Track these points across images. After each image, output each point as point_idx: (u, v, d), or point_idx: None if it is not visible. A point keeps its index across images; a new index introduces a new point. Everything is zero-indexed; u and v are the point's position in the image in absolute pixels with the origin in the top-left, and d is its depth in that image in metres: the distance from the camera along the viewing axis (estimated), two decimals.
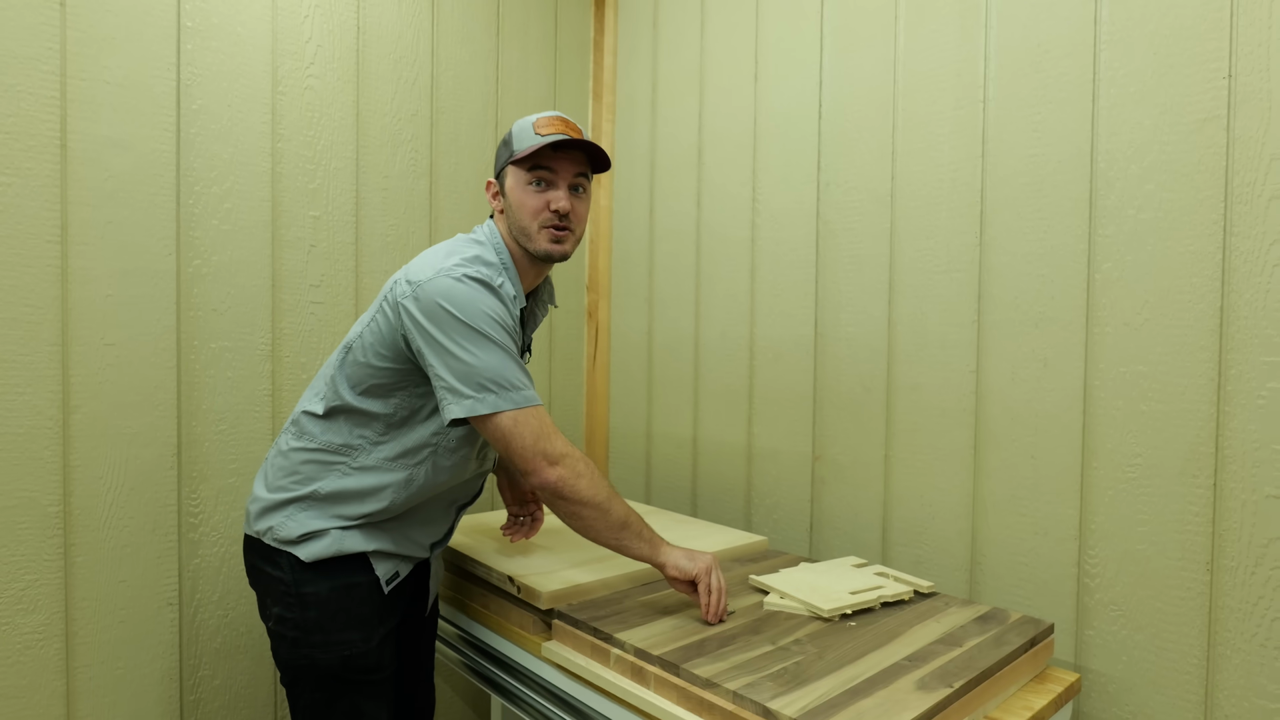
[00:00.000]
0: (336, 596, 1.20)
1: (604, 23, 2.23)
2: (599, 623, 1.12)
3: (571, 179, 1.22)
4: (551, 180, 1.20)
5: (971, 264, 1.40)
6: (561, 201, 1.19)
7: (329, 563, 1.21)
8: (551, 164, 1.20)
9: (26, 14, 1.32)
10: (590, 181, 1.27)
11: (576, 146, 1.20)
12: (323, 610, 1.20)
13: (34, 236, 1.34)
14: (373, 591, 1.23)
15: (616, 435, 2.20)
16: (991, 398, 1.37)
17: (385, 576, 1.24)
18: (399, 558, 1.27)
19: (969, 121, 1.40)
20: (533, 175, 1.20)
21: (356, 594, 1.21)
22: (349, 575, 1.22)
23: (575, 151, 1.21)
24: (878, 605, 1.21)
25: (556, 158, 1.20)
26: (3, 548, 1.32)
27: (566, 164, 1.21)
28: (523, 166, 1.21)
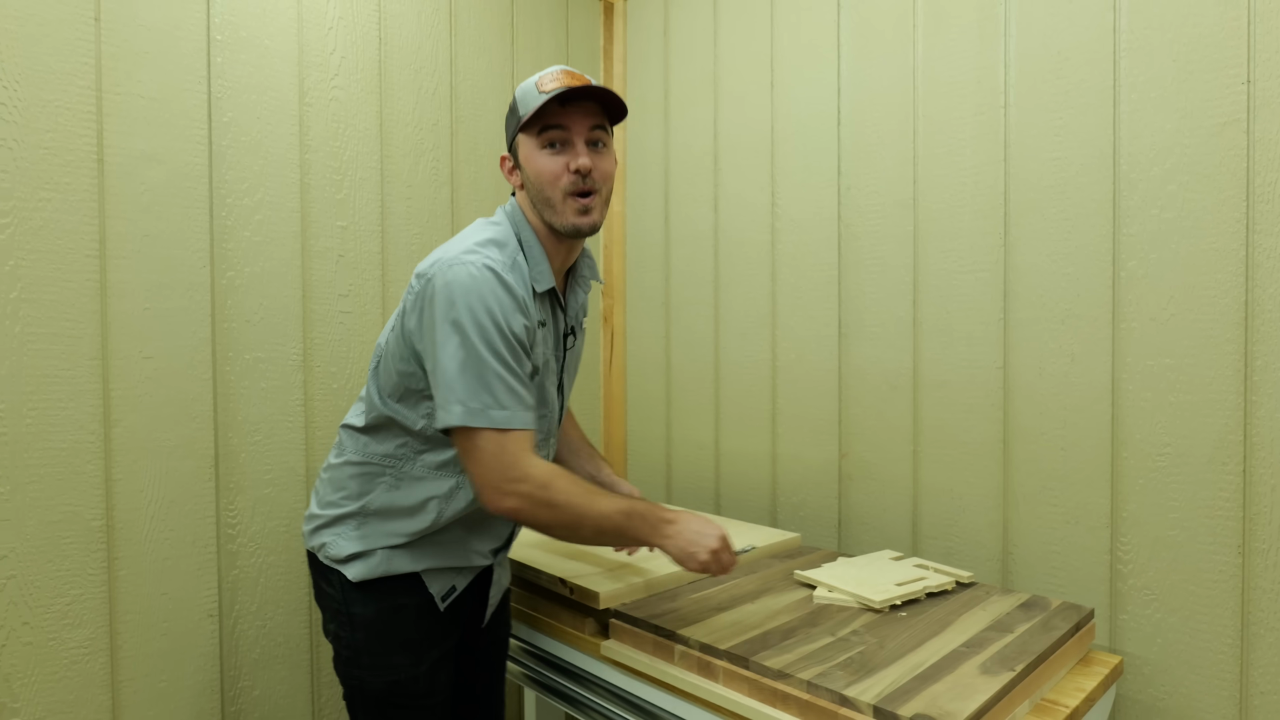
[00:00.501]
0: (383, 619, 1.17)
1: (613, 31, 2.26)
2: (658, 620, 1.15)
3: (588, 134, 1.10)
4: (566, 139, 1.10)
5: (996, 264, 1.45)
6: (581, 159, 1.08)
7: (376, 583, 1.18)
8: (562, 120, 1.09)
9: (63, 29, 1.33)
10: (610, 135, 1.16)
11: (587, 96, 1.09)
12: (369, 632, 1.17)
13: (73, 251, 1.34)
14: (422, 614, 1.19)
15: (635, 439, 2.23)
16: (1019, 393, 1.42)
17: (441, 593, 1.20)
18: (455, 570, 1.22)
19: (991, 126, 1.45)
20: (544, 138, 1.10)
21: (404, 616, 1.18)
22: (396, 597, 1.18)
23: (586, 103, 1.10)
24: (923, 595, 1.25)
25: (566, 113, 1.09)
26: (49, 563, 1.32)
27: (579, 118, 1.09)
28: (533, 131, 1.11)
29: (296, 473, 1.62)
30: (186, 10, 1.46)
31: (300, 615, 1.63)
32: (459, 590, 1.22)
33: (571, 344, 1.24)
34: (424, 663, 1.18)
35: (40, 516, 1.31)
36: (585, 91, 1.08)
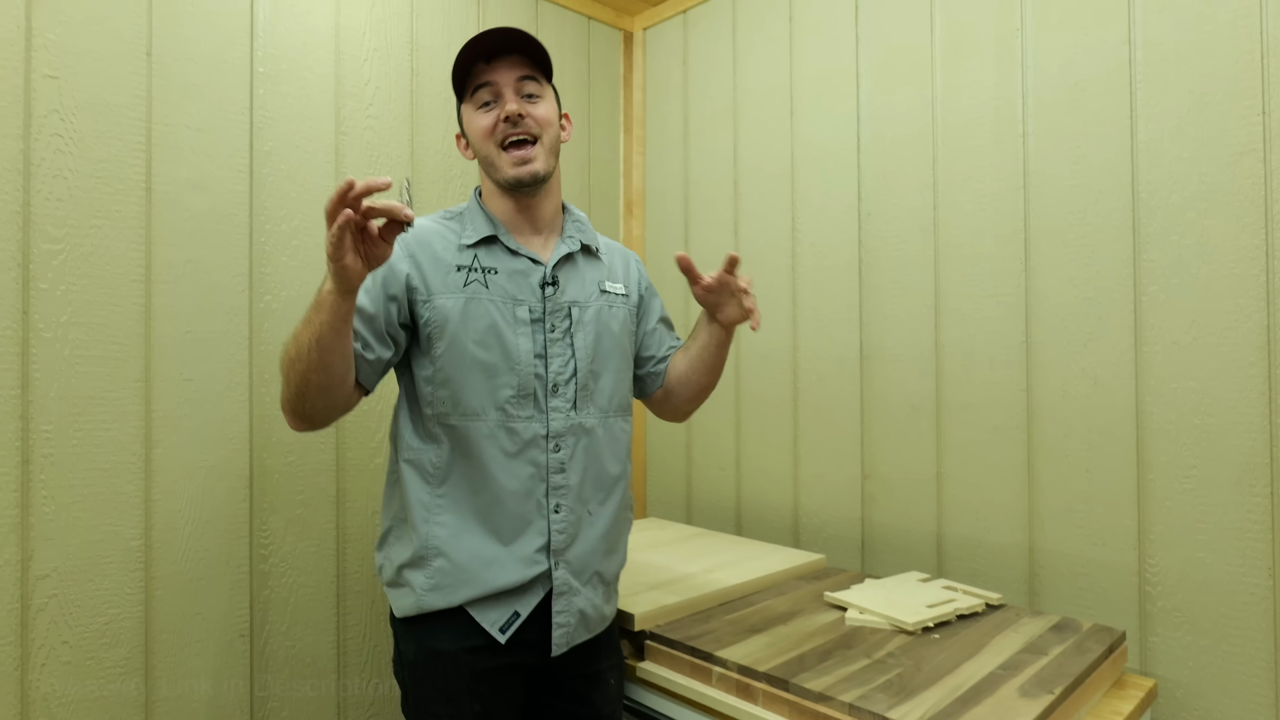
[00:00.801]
0: (426, 662, 1.10)
1: (632, 60, 2.32)
2: (695, 641, 1.16)
3: (516, 84, 1.11)
4: (496, 92, 1.11)
5: (1018, 288, 1.47)
6: (509, 105, 1.08)
7: (419, 624, 1.11)
8: (488, 77, 1.10)
9: (117, 65, 1.37)
10: (543, 86, 1.15)
11: (508, 47, 1.10)
12: (412, 674, 1.12)
13: (121, 276, 1.38)
14: (463, 659, 1.08)
15: (654, 459, 2.25)
16: (1043, 414, 1.44)
17: (500, 623, 1.08)
18: (511, 594, 1.08)
19: (1009, 155, 1.49)
20: (476, 99, 1.12)
21: (441, 664, 1.08)
22: (433, 640, 1.09)
23: (511, 57, 1.11)
24: (954, 617, 1.26)
25: (492, 69, 1.10)
26: (89, 582, 1.34)
27: (504, 70, 1.10)
28: (468, 97, 1.13)
29: (328, 494, 1.65)
30: (232, 45, 1.52)
31: (328, 636, 1.64)
32: (524, 616, 1.08)
33: (553, 293, 1.13)
34: (465, 715, 1.07)
35: (82, 536, 1.34)
36: (503, 41, 1.09)
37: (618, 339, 1.21)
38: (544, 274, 1.14)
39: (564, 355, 1.13)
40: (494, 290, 1.10)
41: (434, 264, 1.10)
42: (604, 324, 1.18)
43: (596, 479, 1.16)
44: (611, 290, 1.21)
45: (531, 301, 1.12)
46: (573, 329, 1.14)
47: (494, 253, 1.13)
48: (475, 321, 1.09)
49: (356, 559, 1.68)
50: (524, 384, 1.10)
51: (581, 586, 1.12)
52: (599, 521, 1.16)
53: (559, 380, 1.12)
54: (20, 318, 1.28)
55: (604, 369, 1.18)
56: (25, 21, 1.29)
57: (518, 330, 1.10)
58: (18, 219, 1.28)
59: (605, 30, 2.26)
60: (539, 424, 1.11)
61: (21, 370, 1.28)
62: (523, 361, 1.10)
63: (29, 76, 1.29)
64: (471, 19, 1.92)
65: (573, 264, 1.19)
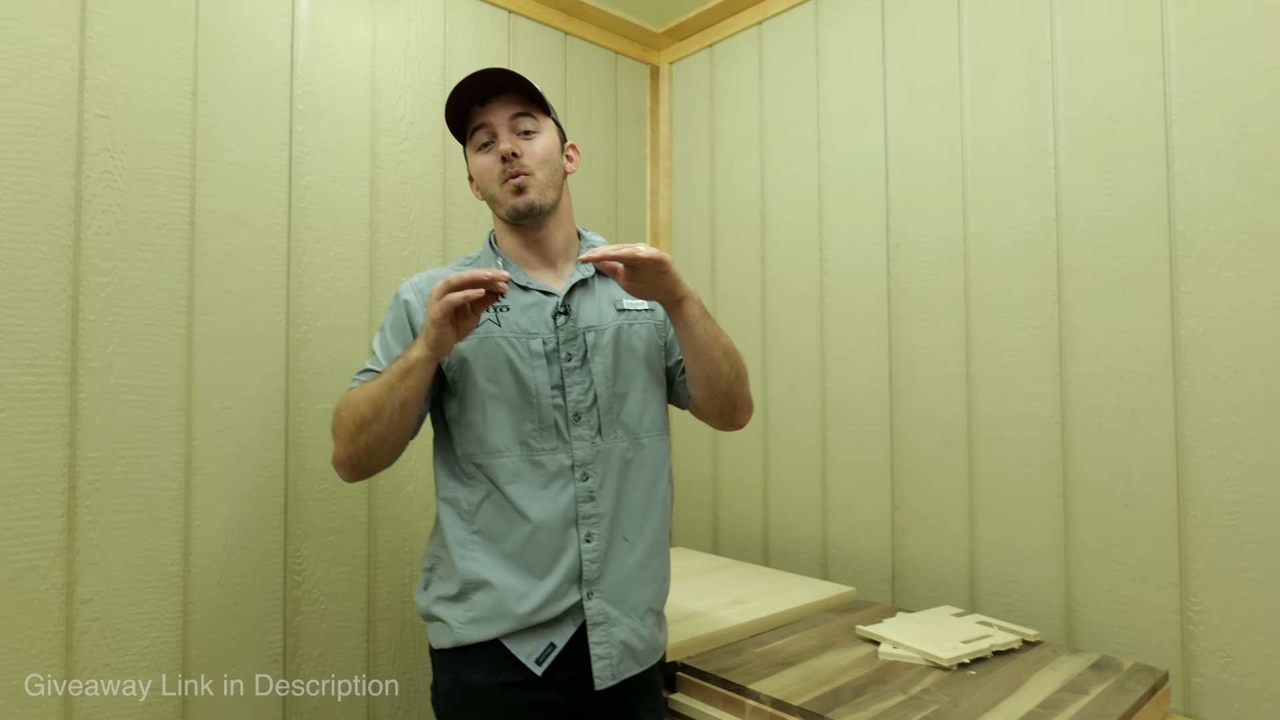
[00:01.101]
0: (456, 694, 1.10)
1: (659, 93, 2.35)
2: (727, 674, 1.16)
3: (509, 123, 1.13)
4: (492, 132, 1.13)
5: (1050, 320, 1.46)
6: (503, 144, 1.10)
7: (452, 655, 1.12)
8: (482, 119, 1.13)
9: (164, 104, 1.42)
10: (540, 120, 1.15)
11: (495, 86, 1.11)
12: (446, 705, 1.13)
13: (164, 307, 1.42)
14: (495, 694, 1.07)
15: (680, 488, 2.24)
16: (1079, 448, 1.42)
17: (536, 654, 1.07)
18: (546, 625, 1.08)
19: (1041, 186, 1.48)
20: (475, 141, 1.15)
21: (472, 699, 1.08)
22: (466, 672, 1.09)
23: (505, 96, 1.13)
24: (990, 654, 1.24)
25: (486, 110, 1.13)
26: (130, 606, 1.37)
27: (497, 110, 1.13)
28: (469, 141, 1.17)
29: (359, 520, 1.67)
30: (274, 82, 1.56)
31: (359, 663, 1.65)
32: (559, 647, 1.07)
33: (565, 322, 1.13)
34: None
35: (124, 561, 1.36)
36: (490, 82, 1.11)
37: (642, 357, 1.18)
38: (556, 304, 1.14)
39: (583, 383, 1.12)
40: (506, 327, 1.12)
41: None
42: (624, 343, 1.16)
43: (631, 504, 1.14)
44: (631, 307, 1.19)
45: (545, 333, 1.12)
46: (589, 355, 1.13)
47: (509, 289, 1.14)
48: (489, 360, 1.10)
49: (387, 586, 1.69)
50: (544, 416, 1.10)
51: (622, 616, 1.09)
52: (637, 548, 1.13)
53: (580, 409, 1.12)
54: (69, 348, 1.32)
55: (629, 389, 1.16)
56: (79, 64, 1.34)
57: (533, 364, 1.11)
58: (69, 252, 1.32)
59: (632, 64, 2.30)
60: (564, 455, 1.10)
61: (70, 398, 1.32)
62: (540, 394, 1.10)
63: (81, 116, 1.34)
64: (502, 55, 1.97)
65: (586, 289, 1.18)
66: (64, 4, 1.32)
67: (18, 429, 1.27)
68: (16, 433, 1.27)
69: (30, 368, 1.28)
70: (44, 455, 1.29)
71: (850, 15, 1.83)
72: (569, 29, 2.11)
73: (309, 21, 1.62)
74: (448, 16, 1.86)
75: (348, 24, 1.69)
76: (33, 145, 1.29)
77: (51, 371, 1.30)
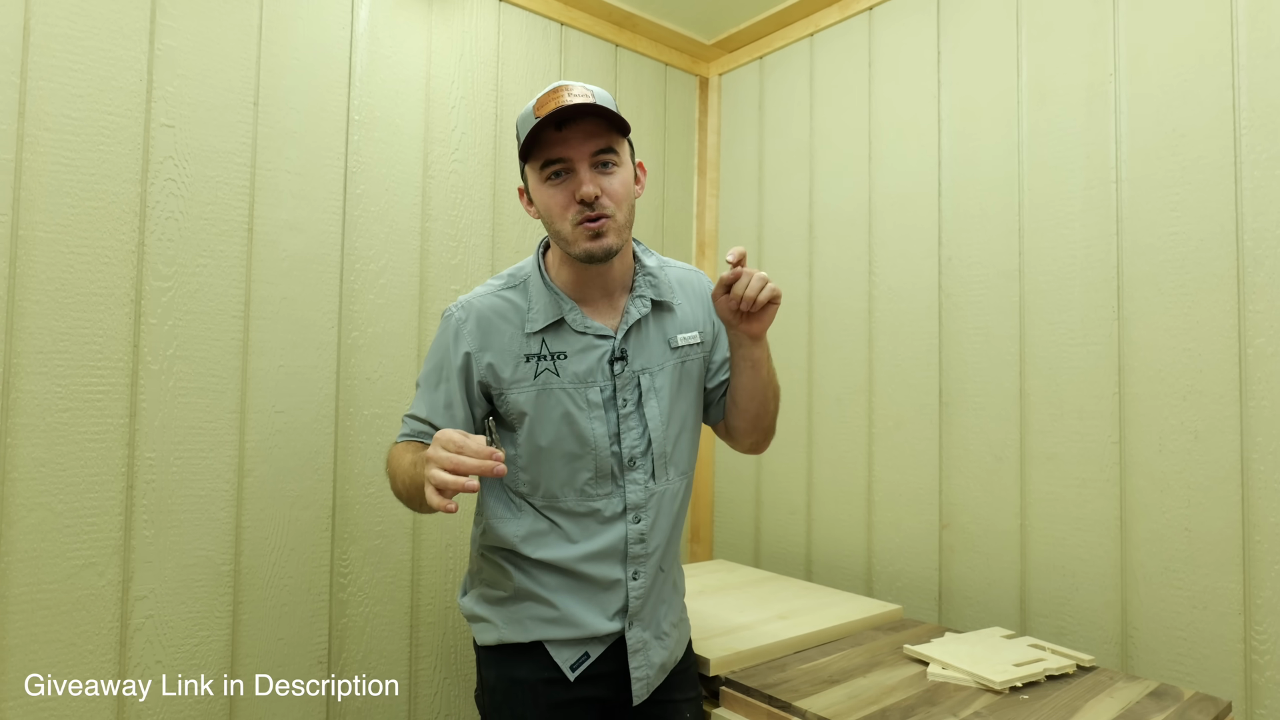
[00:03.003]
0: (502, 689, 1.13)
1: (708, 105, 2.35)
2: (772, 690, 1.14)
3: (590, 158, 1.02)
4: (568, 165, 1.02)
5: (1109, 338, 1.43)
6: (585, 187, 1.00)
7: (498, 648, 1.15)
8: (561, 152, 1.01)
9: (227, 114, 1.46)
10: (619, 152, 1.05)
11: (584, 114, 0.99)
12: (492, 699, 1.15)
13: (222, 312, 1.45)
14: (540, 690, 1.10)
15: (722, 501, 2.23)
16: (1137, 469, 1.38)
17: (570, 661, 1.11)
18: (583, 641, 1.11)
19: (1101, 201, 1.45)
20: (545, 170, 1.03)
21: (519, 692, 1.11)
22: (512, 668, 1.12)
23: (586, 122, 1.01)
24: (1043, 678, 1.21)
25: (565, 139, 1.00)
26: (182, 604, 1.39)
27: (579, 140, 1.01)
28: (535, 162, 1.04)
29: (404, 526, 1.68)
30: (332, 93, 1.60)
31: (401, 667, 1.66)
32: (593, 658, 1.11)
33: (622, 369, 1.10)
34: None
35: (178, 560, 1.39)
36: (584, 109, 0.99)
37: (694, 395, 1.19)
38: (612, 349, 1.10)
39: (637, 429, 1.12)
40: (564, 376, 1.09)
41: (502, 355, 1.09)
42: (677, 384, 1.15)
43: (670, 537, 1.17)
44: (685, 343, 1.16)
45: (601, 381, 1.10)
46: (643, 400, 1.12)
47: (562, 335, 1.10)
48: (550, 413, 1.09)
49: (430, 591, 1.71)
50: (601, 466, 1.11)
51: (654, 640, 1.15)
52: (670, 574, 1.20)
53: (635, 454, 1.12)
54: (131, 350, 1.36)
55: (683, 430, 1.17)
56: (147, 75, 1.38)
57: (591, 415, 1.09)
58: (133, 258, 1.36)
59: (681, 76, 2.31)
60: (617, 500, 1.11)
61: (130, 400, 1.35)
62: (599, 445, 1.10)
63: (148, 125, 1.38)
64: (554, 65, 1.99)
65: (642, 328, 1.14)
66: (134, 17, 1.37)
67: (80, 428, 1.30)
68: (79, 432, 1.30)
69: (94, 369, 1.32)
70: (104, 455, 1.33)
71: (904, 27, 1.81)
72: (620, 41, 2.12)
73: (367, 34, 1.66)
74: (501, 29, 1.89)
75: (404, 36, 1.72)
76: (101, 154, 1.33)
77: (114, 373, 1.34)
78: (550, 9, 1.97)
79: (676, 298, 1.18)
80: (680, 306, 1.18)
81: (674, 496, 1.16)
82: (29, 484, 1.26)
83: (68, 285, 1.30)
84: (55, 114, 1.29)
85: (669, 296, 1.17)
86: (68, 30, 1.30)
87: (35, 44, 1.28)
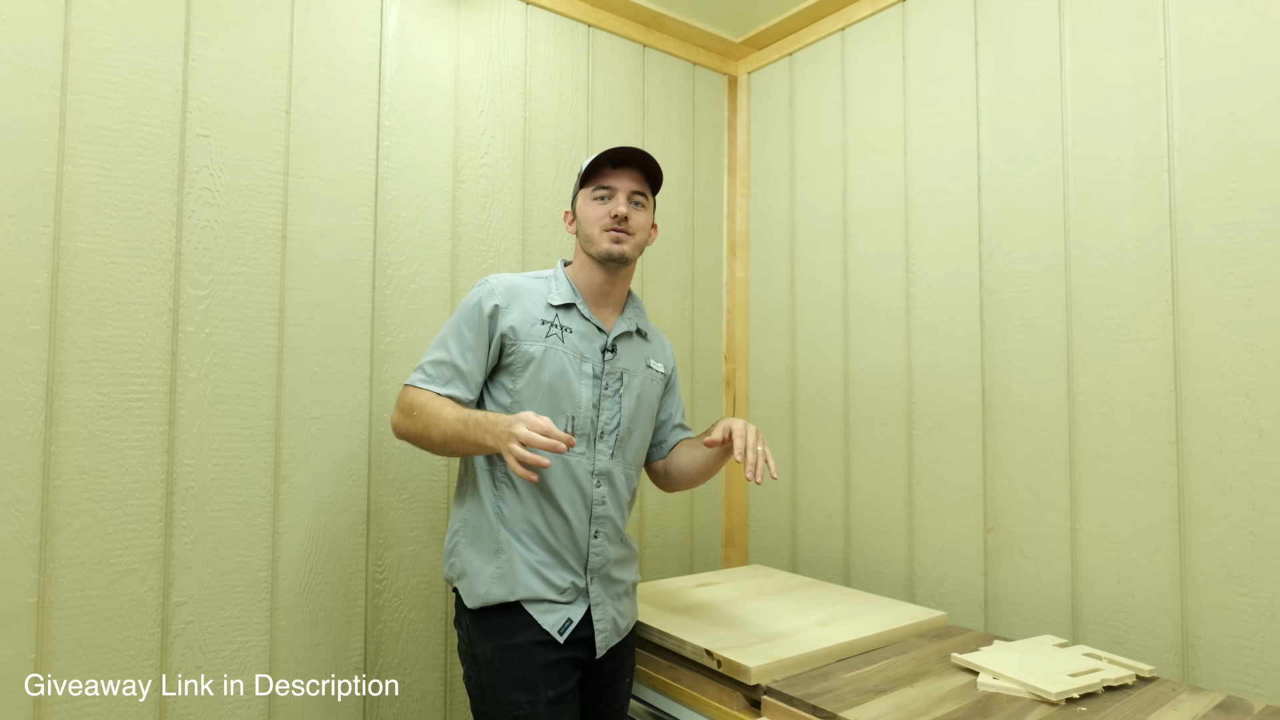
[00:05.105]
0: (500, 658, 1.26)
1: (737, 103, 2.32)
2: (816, 700, 1.11)
3: (629, 194, 1.35)
4: (612, 193, 1.34)
5: (1164, 332, 1.37)
6: (620, 207, 1.32)
7: (494, 621, 1.27)
8: (611, 182, 1.35)
9: (260, 123, 1.47)
10: (650, 200, 1.40)
11: (631, 161, 1.36)
12: (490, 670, 1.27)
13: (257, 319, 1.46)
14: (534, 651, 1.26)
15: (757, 505, 2.19)
16: (1196, 470, 1.32)
17: (557, 626, 1.27)
18: (562, 602, 1.28)
19: (1153, 191, 1.39)
20: (596, 192, 1.36)
21: (517, 655, 1.25)
22: (510, 636, 1.26)
23: (633, 171, 1.36)
24: (1100, 689, 1.15)
25: (616, 175, 1.35)
26: (220, 610, 1.40)
27: (625, 180, 1.35)
28: (589, 187, 1.37)
29: (438, 531, 1.68)
30: (362, 100, 1.60)
31: (436, 672, 1.66)
32: (575, 622, 1.28)
33: (610, 359, 1.36)
34: (540, 702, 1.24)
35: (216, 566, 1.40)
36: (629, 156, 1.34)
37: (651, 409, 1.44)
38: (606, 341, 1.37)
39: (612, 409, 1.35)
40: (568, 345, 1.33)
41: (524, 316, 1.33)
42: (644, 393, 1.40)
43: (620, 510, 1.37)
44: (654, 368, 1.45)
45: (594, 361, 1.34)
46: (622, 390, 1.36)
47: (571, 316, 1.36)
48: (551, 366, 1.31)
49: None
50: (581, 424, 1.32)
51: (609, 599, 1.34)
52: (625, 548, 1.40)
53: (606, 428, 1.34)
54: (169, 358, 1.37)
55: (637, 428, 1.39)
56: (182, 85, 1.40)
57: (581, 380, 1.33)
58: (170, 267, 1.37)
59: (710, 75, 2.28)
60: (588, 460, 1.32)
61: (169, 407, 1.36)
62: (583, 405, 1.32)
63: (184, 136, 1.39)
64: (581, 67, 1.98)
65: (628, 340, 1.41)
66: (170, 29, 1.38)
67: (121, 436, 1.32)
68: (120, 439, 1.32)
69: (134, 377, 1.33)
70: (144, 462, 1.34)
71: (940, 17, 1.77)
72: (648, 41, 2.11)
73: (397, 40, 1.66)
74: (529, 32, 1.88)
75: (433, 42, 1.72)
76: (139, 164, 1.35)
77: (153, 381, 1.35)
78: (577, 10, 1.96)
79: (650, 337, 1.48)
80: (654, 344, 1.48)
81: (623, 479, 1.37)
82: (72, 491, 1.27)
83: (108, 294, 1.31)
84: (94, 126, 1.31)
85: (647, 330, 1.47)
86: (106, 44, 1.32)
87: (74, 58, 1.30)
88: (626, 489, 1.39)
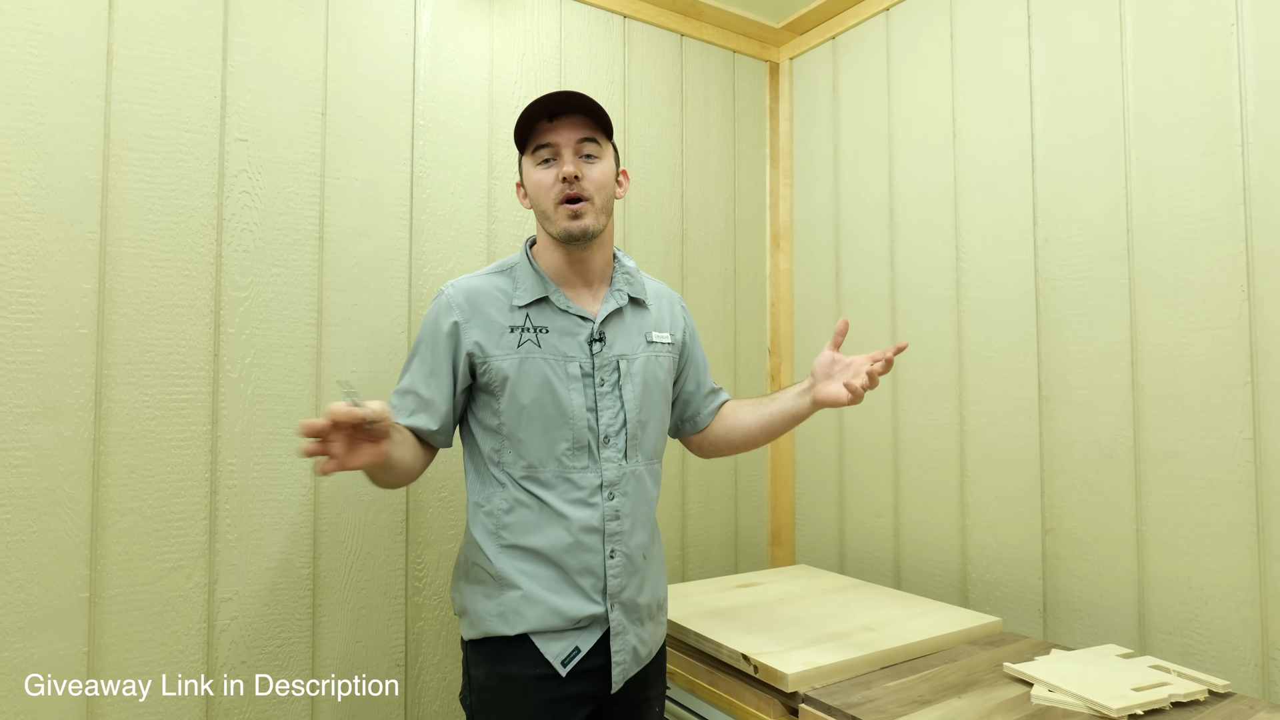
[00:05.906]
0: (492, 687, 1.14)
1: (779, 91, 2.26)
2: (856, 710, 1.06)
3: (575, 145, 1.15)
4: (556, 152, 1.15)
5: (1239, 320, 1.27)
6: (567, 166, 1.13)
7: (488, 646, 1.16)
8: (550, 138, 1.15)
9: (297, 125, 1.49)
10: (603, 146, 1.18)
11: (568, 107, 1.14)
12: (481, 698, 1.16)
13: (296, 320, 1.48)
14: (531, 687, 1.12)
15: (804, 504, 2.14)
16: (1276, 467, 1.22)
17: (561, 656, 1.12)
18: (571, 630, 1.14)
19: (1224, 168, 1.29)
20: (537, 155, 1.17)
21: (510, 689, 1.12)
22: (503, 664, 1.13)
23: (574, 117, 1.15)
24: (1168, 705, 1.07)
25: (554, 128, 1.15)
26: (264, 607, 1.43)
27: (565, 131, 1.15)
28: (529, 152, 1.18)
29: None
30: (396, 100, 1.61)
31: None
32: (583, 652, 1.13)
33: (600, 350, 1.19)
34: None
35: (259, 563, 1.42)
36: (564, 101, 1.13)
37: (663, 388, 1.27)
38: (592, 331, 1.20)
39: (614, 408, 1.19)
40: (546, 349, 1.17)
41: (488, 327, 1.17)
42: (651, 374, 1.24)
43: (644, 521, 1.22)
44: (658, 340, 1.27)
45: (581, 358, 1.18)
46: (621, 381, 1.20)
47: (544, 312, 1.19)
48: (530, 379, 1.16)
49: None
50: (578, 436, 1.17)
51: (630, 625, 1.18)
52: (652, 564, 1.24)
53: (610, 431, 1.18)
54: (212, 359, 1.39)
55: (650, 418, 1.24)
56: (221, 91, 1.42)
57: (570, 386, 1.17)
58: (211, 269, 1.40)
59: (750, 63, 2.23)
60: (594, 474, 1.17)
61: (211, 408, 1.39)
62: (576, 415, 1.16)
63: (223, 140, 1.42)
64: (617, 59, 1.95)
65: (620, 317, 1.24)
66: (208, 35, 1.41)
67: (166, 436, 1.35)
68: (165, 439, 1.35)
69: (178, 379, 1.36)
70: (189, 461, 1.37)
71: None
72: (685, 30, 2.07)
73: (430, 38, 1.66)
74: (563, 25, 1.86)
75: (466, 39, 1.71)
76: (180, 169, 1.37)
77: (196, 382, 1.38)
78: (612, 2, 1.93)
79: (650, 301, 1.30)
80: (655, 308, 1.30)
81: (645, 480, 1.22)
82: (120, 489, 1.31)
83: (152, 298, 1.34)
84: (137, 133, 1.34)
85: (643, 296, 1.28)
86: (147, 52, 1.35)
87: (117, 67, 1.33)
88: (653, 487, 1.25)
